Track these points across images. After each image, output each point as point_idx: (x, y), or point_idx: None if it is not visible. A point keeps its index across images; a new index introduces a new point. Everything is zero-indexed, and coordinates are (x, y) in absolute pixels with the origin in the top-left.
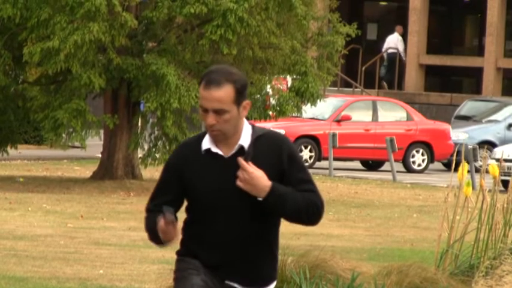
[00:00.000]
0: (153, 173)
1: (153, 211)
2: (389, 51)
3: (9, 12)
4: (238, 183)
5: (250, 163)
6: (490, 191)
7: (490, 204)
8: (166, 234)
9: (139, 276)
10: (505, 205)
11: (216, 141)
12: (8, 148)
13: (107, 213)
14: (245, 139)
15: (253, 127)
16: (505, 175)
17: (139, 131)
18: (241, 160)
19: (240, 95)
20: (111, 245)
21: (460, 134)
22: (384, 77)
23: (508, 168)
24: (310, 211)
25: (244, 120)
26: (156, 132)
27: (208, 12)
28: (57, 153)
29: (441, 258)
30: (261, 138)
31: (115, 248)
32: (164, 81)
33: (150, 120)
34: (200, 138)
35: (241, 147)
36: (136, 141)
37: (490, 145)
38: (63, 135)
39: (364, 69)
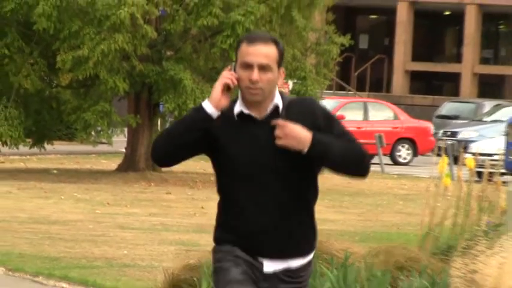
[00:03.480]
0: None
1: None
2: None
3: (44, 25)
4: (278, 141)
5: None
6: (466, 181)
7: (467, 192)
8: (224, 88)
9: (159, 256)
10: (480, 193)
11: (251, 102)
12: (45, 144)
13: (130, 201)
14: (278, 102)
15: (282, 94)
16: (479, 167)
17: (159, 130)
18: (276, 120)
19: (281, 58)
20: (134, 228)
21: (471, 133)
22: None
23: (482, 161)
24: (357, 159)
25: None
26: None
27: (219, 24)
28: (86, 148)
29: (423, 240)
30: (292, 103)
31: (137, 231)
32: (181, 85)
33: (169, 120)
34: (231, 103)
35: (275, 108)
36: None
37: None
38: (93, 133)
39: (357, 74)
